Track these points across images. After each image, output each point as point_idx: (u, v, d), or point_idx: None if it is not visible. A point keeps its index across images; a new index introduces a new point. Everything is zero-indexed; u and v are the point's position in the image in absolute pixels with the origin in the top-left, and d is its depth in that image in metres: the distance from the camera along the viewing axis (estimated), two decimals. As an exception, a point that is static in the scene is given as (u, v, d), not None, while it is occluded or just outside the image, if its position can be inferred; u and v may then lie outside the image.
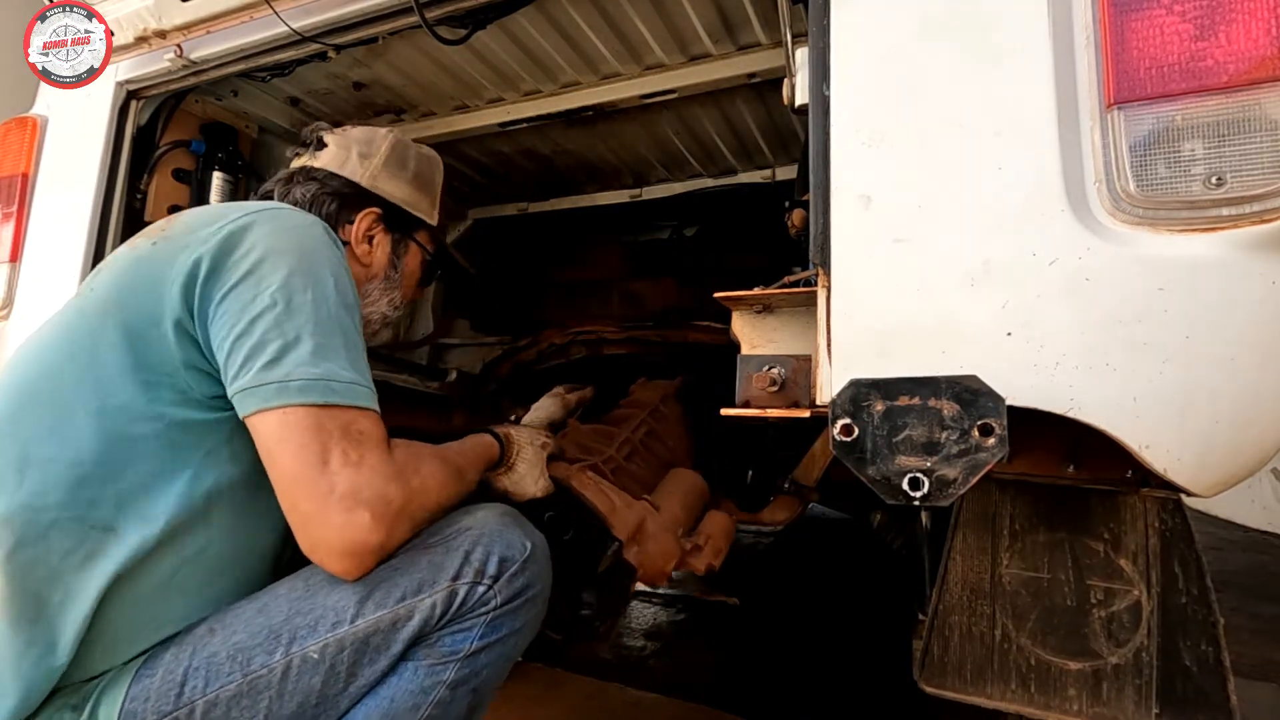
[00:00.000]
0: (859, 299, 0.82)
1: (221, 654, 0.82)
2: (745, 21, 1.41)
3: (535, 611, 0.94)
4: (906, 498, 0.73)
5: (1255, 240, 0.70)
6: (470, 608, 0.88)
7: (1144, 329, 0.72)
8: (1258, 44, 0.71)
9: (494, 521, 0.93)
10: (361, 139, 1.22)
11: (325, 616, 0.83)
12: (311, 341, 0.84)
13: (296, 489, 0.80)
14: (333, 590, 0.85)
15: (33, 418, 0.85)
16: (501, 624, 0.90)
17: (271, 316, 0.84)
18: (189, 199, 1.72)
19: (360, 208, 1.17)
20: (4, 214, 1.61)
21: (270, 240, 0.90)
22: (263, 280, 0.86)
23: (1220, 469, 0.73)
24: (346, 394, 0.84)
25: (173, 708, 0.79)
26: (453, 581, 0.86)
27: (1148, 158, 0.75)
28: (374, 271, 1.20)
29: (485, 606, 0.88)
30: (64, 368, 0.87)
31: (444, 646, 0.87)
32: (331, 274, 0.91)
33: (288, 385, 0.81)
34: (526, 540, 0.93)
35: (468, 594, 0.87)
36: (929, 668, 0.91)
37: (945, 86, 0.82)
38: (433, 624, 0.86)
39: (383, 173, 1.21)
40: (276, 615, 0.84)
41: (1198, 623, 0.83)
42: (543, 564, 0.95)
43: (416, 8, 1.23)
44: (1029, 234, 0.76)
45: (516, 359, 2.16)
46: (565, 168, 2.13)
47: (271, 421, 0.81)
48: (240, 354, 0.83)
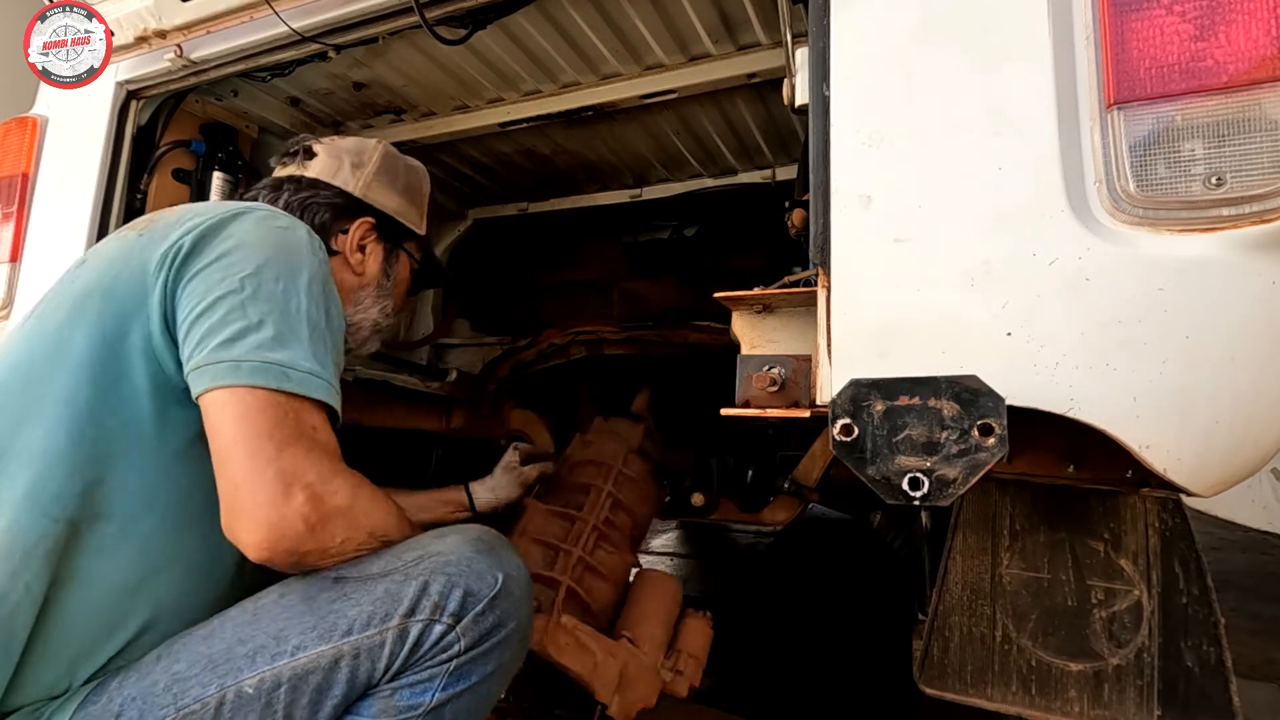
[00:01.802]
0: (859, 299, 0.82)
1: (160, 684, 0.76)
2: (745, 21, 1.41)
3: (510, 652, 0.84)
4: (906, 498, 0.73)
5: (1255, 240, 0.70)
6: (428, 653, 0.78)
7: (1144, 329, 0.72)
8: (1258, 44, 0.71)
9: (463, 548, 0.83)
10: (352, 149, 1.22)
11: (266, 646, 0.77)
12: (274, 328, 0.81)
13: (233, 454, 0.75)
14: (277, 617, 0.79)
15: (6, 408, 0.83)
16: (469, 671, 0.80)
17: (236, 299, 0.81)
18: (189, 199, 1.72)
19: (354, 217, 1.17)
20: (4, 214, 1.61)
21: (251, 232, 0.89)
22: (234, 265, 0.84)
23: (1220, 469, 0.73)
24: (303, 384, 0.80)
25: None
26: (405, 618, 0.77)
27: (1148, 158, 0.74)
28: (366, 280, 1.20)
29: (447, 652, 0.78)
30: (40, 358, 0.85)
31: (401, 700, 0.78)
32: (308, 272, 0.89)
33: (240, 365, 0.78)
34: (497, 571, 0.82)
35: (423, 634, 0.77)
36: (929, 669, 0.91)
37: (945, 86, 0.82)
38: (383, 671, 0.77)
39: (374, 183, 1.21)
40: (219, 644, 0.79)
41: (1199, 623, 0.83)
42: (517, 598, 0.84)
43: (416, 8, 1.23)
44: (1029, 234, 0.76)
45: (516, 359, 2.16)
46: (565, 168, 2.12)
47: (220, 397, 0.77)
48: (198, 331, 0.80)
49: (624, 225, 2.38)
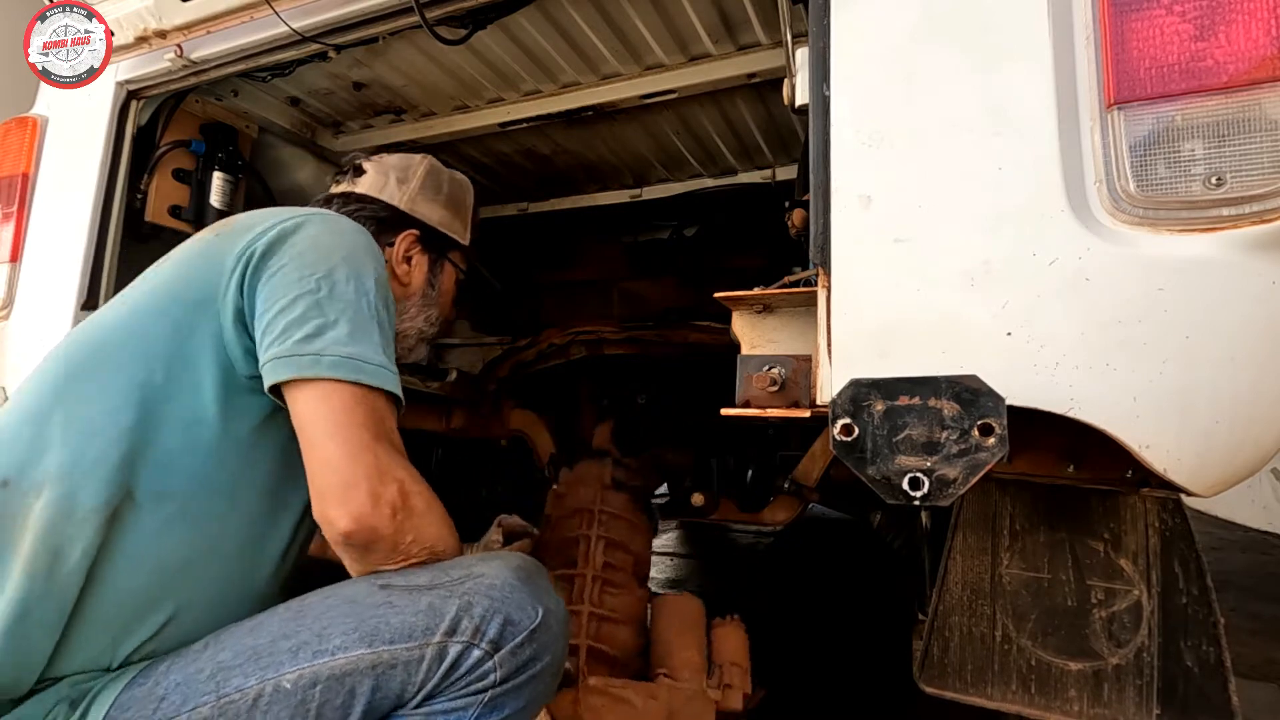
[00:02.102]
0: (859, 299, 0.82)
1: (205, 671, 0.79)
2: (745, 21, 1.41)
3: (543, 687, 0.85)
4: (906, 498, 0.73)
5: (1255, 240, 0.70)
6: (464, 679, 0.78)
7: (1144, 329, 0.72)
8: (1258, 44, 0.71)
9: (507, 575, 0.84)
10: (398, 165, 1.28)
11: (308, 643, 0.78)
12: (348, 325, 0.89)
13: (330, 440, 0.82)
14: (321, 616, 0.81)
15: (82, 385, 0.88)
16: (502, 704, 0.80)
17: (313, 298, 0.88)
18: (189, 199, 1.72)
19: (399, 230, 1.23)
20: (4, 214, 1.61)
21: (321, 235, 0.97)
22: (309, 265, 0.91)
23: (1220, 469, 0.73)
24: (375, 376, 0.87)
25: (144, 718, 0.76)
26: (446, 637, 0.78)
27: (1148, 158, 0.75)
28: (412, 290, 1.25)
29: (483, 681, 0.78)
30: (118, 342, 0.91)
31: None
32: (374, 275, 0.96)
33: (320, 358, 0.85)
34: (538, 605, 0.83)
35: (460, 657, 0.78)
36: (929, 668, 0.91)
37: (945, 86, 0.82)
38: (416, 688, 0.78)
39: (419, 196, 1.27)
40: (264, 637, 0.81)
41: (1198, 623, 0.83)
42: (555, 632, 0.84)
43: (416, 8, 1.23)
44: (1029, 234, 0.76)
45: (516, 359, 2.15)
46: (565, 168, 2.12)
47: (307, 387, 0.85)
48: (280, 324, 0.87)
49: (624, 225, 2.38)
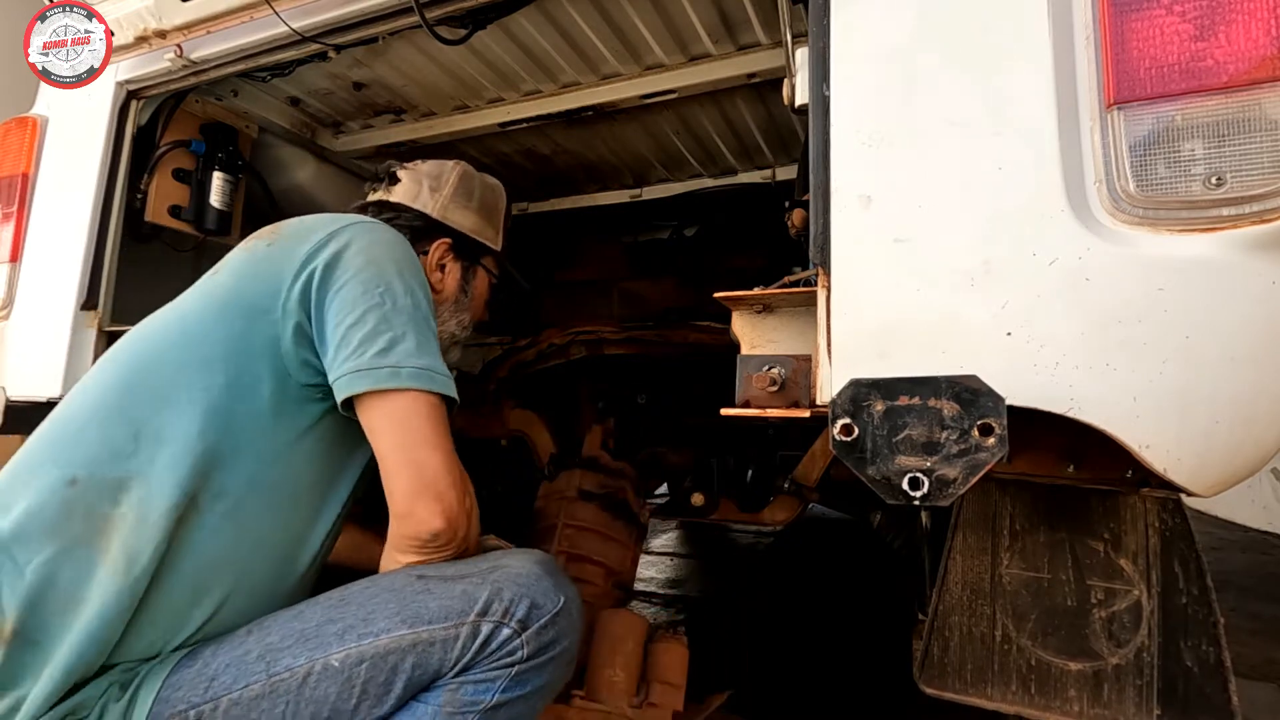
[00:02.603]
0: (859, 299, 0.82)
1: (254, 653, 0.84)
2: (745, 21, 1.41)
3: (560, 671, 0.91)
4: (906, 498, 0.72)
5: (1255, 240, 0.70)
6: (494, 654, 0.85)
7: (1144, 329, 0.72)
8: (1258, 44, 0.71)
9: (531, 566, 0.92)
10: (431, 173, 1.30)
11: (354, 626, 0.85)
12: (415, 338, 0.94)
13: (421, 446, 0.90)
14: (366, 603, 0.88)
15: (145, 391, 0.92)
16: (527, 679, 0.87)
17: (380, 312, 0.94)
18: (189, 199, 1.72)
19: (433, 238, 1.26)
20: (4, 214, 1.61)
21: (374, 247, 1.01)
22: (371, 279, 0.96)
23: (1220, 469, 0.73)
24: (445, 385, 0.95)
25: (201, 699, 0.81)
26: (480, 617, 0.85)
27: (1148, 158, 0.74)
28: (445, 296, 1.28)
29: (511, 657, 0.85)
30: (178, 347, 0.95)
31: (465, 695, 0.84)
32: (420, 284, 1.02)
33: (399, 371, 0.91)
34: (560, 593, 0.90)
35: (492, 635, 0.85)
36: (929, 669, 0.91)
37: (945, 86, 0.82)
38: (452, 663, 0.84)
39: (451, 204, 1.29)
40: (310, 621, 0.87)
41: (1198, 623, 0.83)
42: (574, 620, 0.92)
43: (416, 8, 1.23)
44: (1029, 234, 0.76)
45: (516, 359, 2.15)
46: (565, 168, 2.13)
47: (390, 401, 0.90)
48: (354, 339, 0.91)
49: (624, 225, 2.38)
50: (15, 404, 1.51)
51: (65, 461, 0.87)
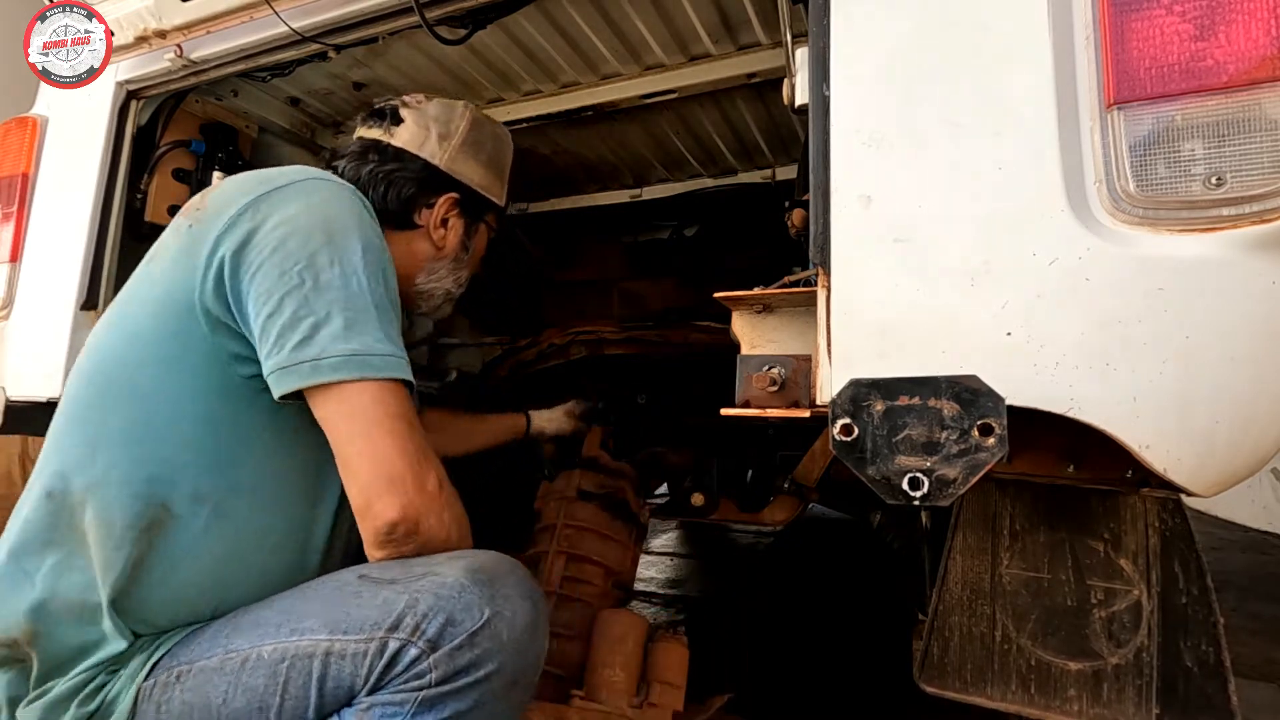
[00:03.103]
0: (859, 299, 0.82)
1: (224, 630, 0.85)
2: (745, 21, 1.41)
3: (490, 695, 0.79)
4: (906, 498, 0.73)
5: (1255, 240, 0.70)
6: (400, 674, 0.77)
7: (1144, 329, 0.72)
8: (1258, 44, 0.71)
9: (461, 575, 0.80)
10: (440, 117, 1.20)
11: (289, 621, 0.82)
12: (342, 317, 0.85)
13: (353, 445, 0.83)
14: (310, 599, 0.85)
15: (97, 398, 0.89)
16: (442, 704, 0.77)
17: (299, 294, 0.84)
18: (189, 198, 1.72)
19: (439, 192, 1.17)
20: (4, 214, 1.61)
21: (295, 216, 0.89)
22: (288, 257, 0.86)
23: (1220, 469, 0.73)
24: (382, 367, 0.85)
25: (180, 662, 0.83)
26: (389, 632, 0.77)
27: (1148, 158, 0.74)
28: (445, 253, 1.21)
29: (419, 680, 0.76)
30: (117, 351, 0.91)
31: (373, 716, 0.77)
32: (360, 242, 0.90)
33: (320, 364, 0.83)
34: (486, 607, 0.78)
35: (398, 654, 0.76)
36: (929, 668, 0.91)
37: (945, 86, 0.82)
38: (363, 680, 0.77)
39: (460, 155, 1.19)
40: (271, 609, 0.86)
41: (1198, 623, 0.83)
42: (506, 637, 0.79)
43: (416, 8, 1.23)
44: (1029, 234, 0.76)
45: (516, 359, 2.15)
46: (565, 168, 2.12)
47: (320, 396, 0.84)
48: (272, 333, 0.84)
49: (624, 225, 2.38)
50: (15, 404, 1.51)
51: (45, 473, 0.88)
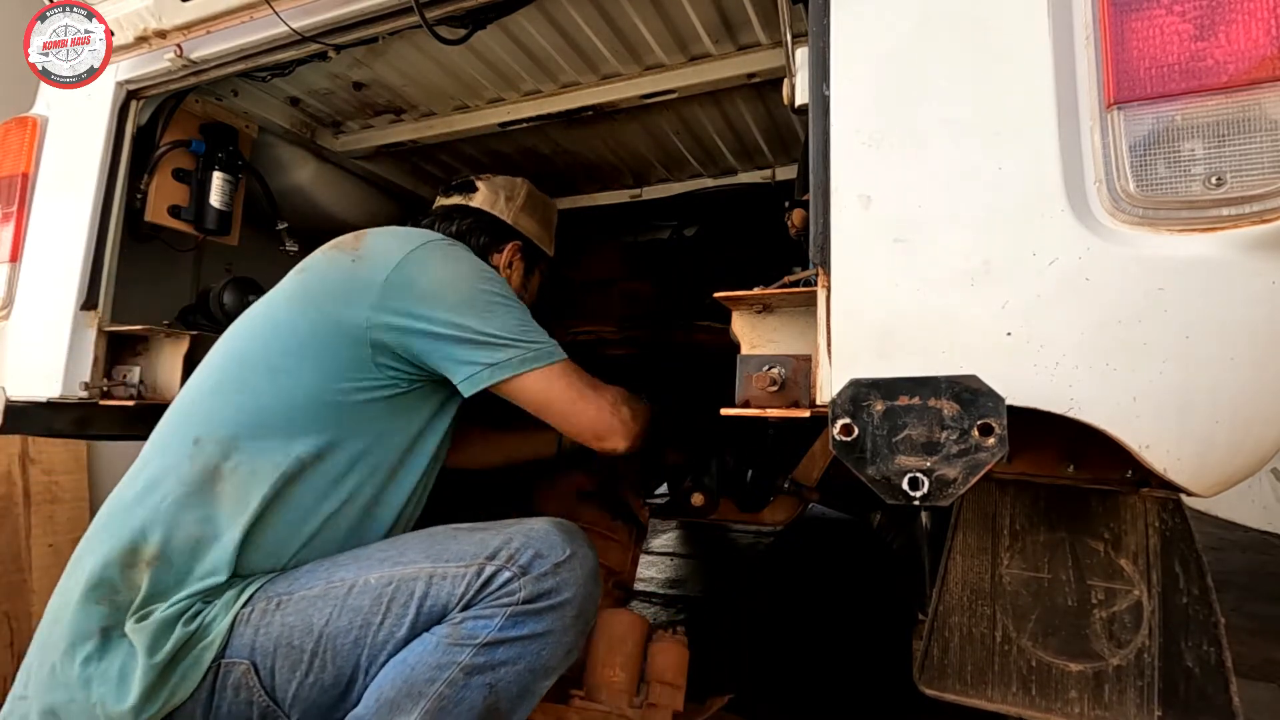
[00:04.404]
0: (859, 299, 0.82)
1: (324, 567, 1.02)
2: (745, 21, 1.41)
3: (562, 622, 0.98)
4: (906, 498, 0.72)
5: (1255, 240, 0.70)
6: (494, 594, 0.94)
7: (1144, 329, 0.72)
8: (1258, 44, 0.71)
9: (548, 525, 1.04)
10: (505, 185, 1.53)
11: (392, 556, 1.00)
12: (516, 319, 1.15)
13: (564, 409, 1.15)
14: (409, 543, 1.04)
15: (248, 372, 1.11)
16: (523, 622, 0.94)
17: (476, 317, 1.11)
18: (189, 199, 1.72)
19: (507, 240, 1.48)
20: (4, 214, 1.61)
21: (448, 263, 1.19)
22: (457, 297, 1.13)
23: (1220, 469, 0.73)
24: (551, 354, 1.15)
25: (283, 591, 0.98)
26: (487, 560, 0.96)
27: (1148, 158, 0.74)
28: None
29: (509, 597, 0.94)
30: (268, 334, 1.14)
31: (465, 628, 0.93)
32: (494, 279, 1.21)
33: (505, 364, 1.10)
34: (568, 546, 1.00)
35: (493, 575, 0.95)
36: (929, 670, 0.91)
37: (945, 86, 0.82)
38: (458, 599, 0.94)
39: (522, 213, 1.52)
40: (367, 552, 1.04)
41: (1199, 623, 0.83)
42: (580, 574, 1.00)
43: (416, 8, 1.23)
44: (1029, 234, 0.76)
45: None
46: (565, 168, 2.12)
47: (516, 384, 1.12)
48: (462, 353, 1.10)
49: (624, 225, 2.38)
50: (15, 404, 1.50)
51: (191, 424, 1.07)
